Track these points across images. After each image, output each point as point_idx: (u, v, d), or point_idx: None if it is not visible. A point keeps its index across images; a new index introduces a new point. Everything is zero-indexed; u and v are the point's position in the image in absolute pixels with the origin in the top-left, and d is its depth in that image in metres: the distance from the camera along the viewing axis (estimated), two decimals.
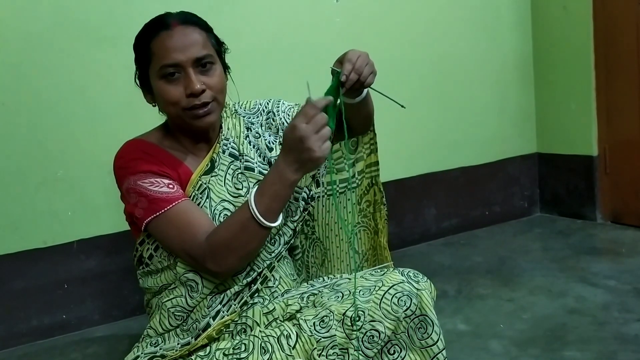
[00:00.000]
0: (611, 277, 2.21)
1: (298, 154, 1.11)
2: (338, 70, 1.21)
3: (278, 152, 1.37)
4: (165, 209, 1.19)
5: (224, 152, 1.32)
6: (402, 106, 1.29)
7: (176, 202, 1.19)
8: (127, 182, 1.22)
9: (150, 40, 1.21)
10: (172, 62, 1.19)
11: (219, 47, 1.29)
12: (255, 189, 1.16)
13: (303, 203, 1.34)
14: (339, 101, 1.22)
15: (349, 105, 1.31)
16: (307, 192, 1.33)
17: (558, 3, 2.98)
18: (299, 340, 1.15)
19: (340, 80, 1.20)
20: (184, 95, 1.20)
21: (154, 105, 1.30)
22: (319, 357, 1.13)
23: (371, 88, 1.29)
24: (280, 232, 1.30)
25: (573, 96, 2.98)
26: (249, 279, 1.26)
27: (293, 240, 1.40)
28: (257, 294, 1.29)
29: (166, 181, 1.21)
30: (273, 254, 1.29)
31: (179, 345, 1.23)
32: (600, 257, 2.48)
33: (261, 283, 1.29)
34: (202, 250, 1.17)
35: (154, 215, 1.19)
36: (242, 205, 1.18)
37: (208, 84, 1.21)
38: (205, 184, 1.27)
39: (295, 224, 1.33)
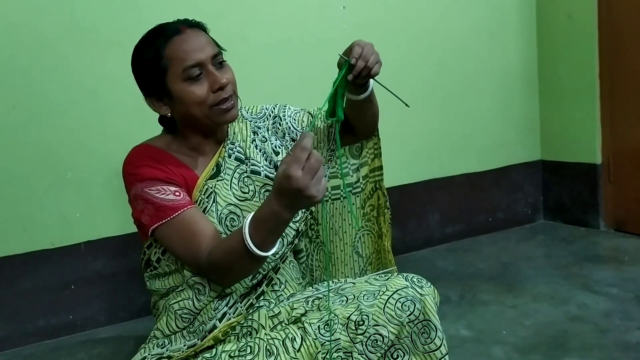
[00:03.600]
0: (613, 285, 2.22)
1: (296, 200, 1.04)
2: (347, 58, 1.22)
3: (284, 156, 1.39)
4: (171, 216, 1.20)
5: (229, 156, 1.33)
6: (407, 105, 1.31)
7: (182, 210, 1.21)
8: (134, 189, 1.24)
9: (164, 48, 1.22)
10: (195, 62, 1.21)
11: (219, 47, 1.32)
12: (249, 220, 1.10)
13: None
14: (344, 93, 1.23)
15: (355, 103, 1.34)
16: None
17: (563, 11, 2.99)
18: (303, 343, 1.17)
19: (350, 63, 1.21)
20: (209, 93, 1.23)
21: (169, 115, 1.28)
22: None
23: (376, 81, 1.31)
24: (283, 234, 1.31)
25: (577, 104, 2.99)
26: (254, 282, 1.29)
27: (297, 240, 1.41)
28: (262, 296, 1.31)
29: (172, 188, 1.23)
30: (277, 256, 1.31)
31: (185, 347, 1.25)
32: (603, 264, 2.48)
33: (267, 285, 1.31)
34: (204, 264, 1.18)
35: (160, 222, 1.21)
36: (236, 231, 1.13)
37: (227, 79, 1.24)
38: (211, 188, 1.28)
39: (297, 224, 1.35)
